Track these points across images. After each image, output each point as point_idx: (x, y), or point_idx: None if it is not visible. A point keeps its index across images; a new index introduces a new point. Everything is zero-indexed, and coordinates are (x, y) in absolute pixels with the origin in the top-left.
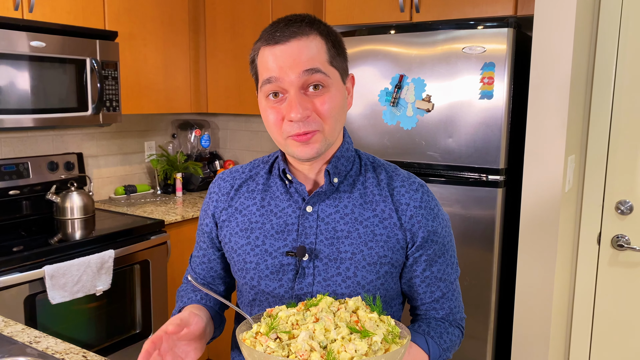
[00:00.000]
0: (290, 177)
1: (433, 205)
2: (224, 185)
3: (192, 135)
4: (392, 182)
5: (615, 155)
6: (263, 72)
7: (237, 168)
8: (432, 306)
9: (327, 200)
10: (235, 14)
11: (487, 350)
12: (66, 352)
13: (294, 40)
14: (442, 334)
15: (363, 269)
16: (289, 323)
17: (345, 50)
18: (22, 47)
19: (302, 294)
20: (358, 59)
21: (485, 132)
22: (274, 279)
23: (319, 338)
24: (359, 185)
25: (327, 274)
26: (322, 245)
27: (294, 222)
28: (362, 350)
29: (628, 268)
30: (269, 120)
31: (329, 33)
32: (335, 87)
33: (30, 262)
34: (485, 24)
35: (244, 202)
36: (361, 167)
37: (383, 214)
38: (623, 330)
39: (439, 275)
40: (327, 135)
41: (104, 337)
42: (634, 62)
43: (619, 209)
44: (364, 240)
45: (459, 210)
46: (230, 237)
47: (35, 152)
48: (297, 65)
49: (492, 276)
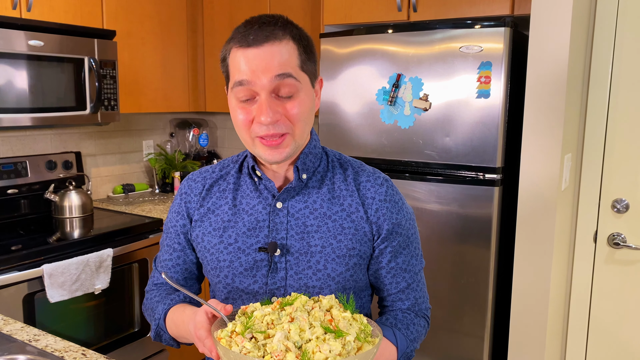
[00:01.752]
0: (260, 173)
1: (397, 199)
2: (195, 186)
3: (190, 134)
4: (358, 178)
5: (612, 154)
6: (235, 74)
7: (207, 168)
8: (398, 297)
9: (297, 197)
10: (233, 12)
11: (484, 347)
12: (65, 350)
13: (267, 45)
14: (409, 325)
15: (333, 261)
16: (264, 323)
17: (315, 54)
18: (20, 46)
19: (276, 289)
20: (356, 58)
21: (482, 130)
22: (247, 276)
23: (294, 338)
24: (327, 181)
25: (299, 267)
26: (293, 240)
27: (265, 219)
28: (336, 350)
29: (624, 266)
30: (238, 120)
31: (301, 37)
32: (304, 91)
33: (29, 261)
34: (482, 23)
35: (216, 202)
36: (329, 164)
37: (350, 208)
38: (619, 327)
39: (404, 266)
40: (297, 138)
41: (102, 335)
42: (630, 62)
43: (615, 207)
44: (332, 233)
45: (456, 208)
46: (203, 237)
47: (33, 151)
48: (269, 69)
49: (489, 274)
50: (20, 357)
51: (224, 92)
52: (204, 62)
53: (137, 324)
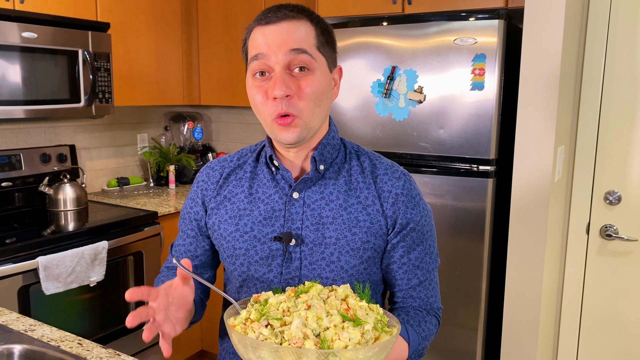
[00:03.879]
0: (277, 163)
1: (415, 194)
2: (213, 174)
3: (185, 127)
4: (375, 170)
5: (604, 146)
6: (252, 50)
7: (226, 157)
8: (409, 293)
9: (313, 187)
10: (228, 5)
11: (477, 339)
12: (61, 340)
13: (285, 22)
14: (421, 323)
15: (347, 253)
16: (279, 310)
17: (334, 41)
18: (13, 38)
19: (290, 278)
20: (351, 51)
21: (476, 123)
22: (263, 264)
23: (312, 326)
24: (344, 173)
25: (313, 258)
26: (308, 230)
27: (281, 209)
28: (355, 339)
29: (616, 257)
30: (255, 101)
31: (319, 22)
32: (320, 72)
33: (24, 253)
34: (476, 15)
35: (232, 190)
36: (346, 155)
37: (366, 200)
38: (611, 317)
39: (417, 263)
40: (306, 120)
41: (97, 328)
42: (623, 54)
43: (608, 199)
44: (347, 226)
45: (450, 200)
46: (220, 225)
47: (27, 144)
48: (285, 44)
49: (483, 265)
50: (16, 346)
51: (218, 86)
52: (199, 55)
53: None
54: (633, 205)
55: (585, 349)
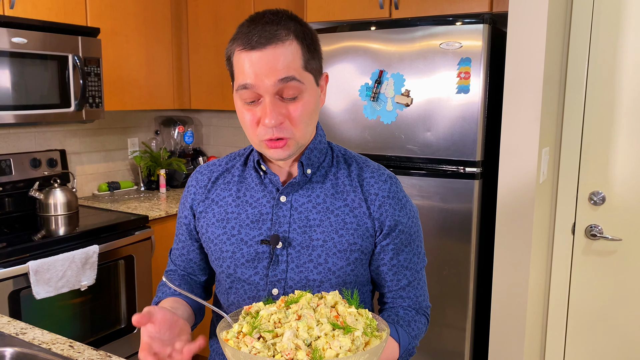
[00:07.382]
0: (265, 167)
1: (401, 196)
2: (202, 179)
3: (176, 131)
4: (362, 173)
5: (588, 147)
6: (239, 76)
7: (215, 162)
8: (398, 294)
9: (300, 191)
10: (218, 10)
11: (465, 339)
12: (53, 342)
13: (270, 47)
14: (410, 322)
15: (334, 255)
16: (271, 322)
17: (319, 49)
18: (3, 44)
19: (276, 281)
20: (339, 55)
21: (462, 125)
22: (249, 267)
23: (303, 336)
24: (331, 176)
25: (300, 260)
26: (295, 233)
27: (268, 212)
28: (346, 346)
29: (601, 257)
30: (245, 121)
31: (305, 35)
32: (309, 92)
33: (14, 258)
34: (462, 20)
35: (220, 194)
36: (333, 159)
37: (353, 203)
38: (597, 316)
39: (405, 264)
40: (299, 139)
41: (89, 332)
42: (606, 58)
43: (592, 199)
44: (334, 228)
45: (437, 201)
46: (207, 228)
47: (17, 149)
48: (273, 73)
49: (470, 266)
50: (7, 349)
51: (208, 90)
52: (189, 59)
53: (124, 321)
54: (617, 206)
55: (572, 346)
